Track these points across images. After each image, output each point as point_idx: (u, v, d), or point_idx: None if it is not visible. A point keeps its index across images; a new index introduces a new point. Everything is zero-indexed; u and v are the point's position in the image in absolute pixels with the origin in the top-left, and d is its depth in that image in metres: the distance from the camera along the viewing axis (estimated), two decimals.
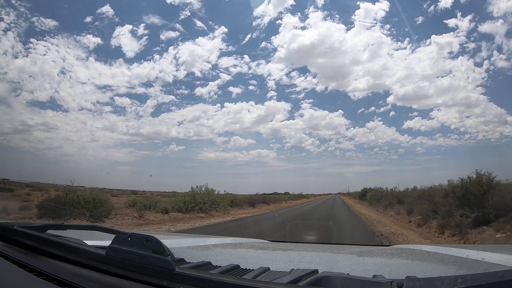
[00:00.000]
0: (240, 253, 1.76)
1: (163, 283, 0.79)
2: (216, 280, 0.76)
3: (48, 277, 0.88)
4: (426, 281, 0.71)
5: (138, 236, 0.86)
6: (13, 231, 1.08)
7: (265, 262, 1.14)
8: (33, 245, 1.04)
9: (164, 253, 0.81)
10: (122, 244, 0.86)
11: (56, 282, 0.86)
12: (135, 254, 0.83)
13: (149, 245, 0.83)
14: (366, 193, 35.43)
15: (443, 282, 0.66)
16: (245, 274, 0.93)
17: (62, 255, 0.96)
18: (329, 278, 0.79)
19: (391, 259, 1.70)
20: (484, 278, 0.64)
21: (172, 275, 0.79)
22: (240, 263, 1.02)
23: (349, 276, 0.81)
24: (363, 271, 1.26)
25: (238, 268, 0.98)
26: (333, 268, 1.21)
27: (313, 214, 19.22)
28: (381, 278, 0.86)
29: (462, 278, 0.65)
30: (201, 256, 1.23)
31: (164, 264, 0.79)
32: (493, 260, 1.25)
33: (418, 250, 1.88)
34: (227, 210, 18.15)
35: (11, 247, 1.07)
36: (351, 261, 1.62)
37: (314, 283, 0.78)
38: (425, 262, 1.51)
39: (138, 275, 0.82)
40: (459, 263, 1.37)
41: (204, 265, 0.98)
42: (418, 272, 1.26)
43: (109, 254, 0.87)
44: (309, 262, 1.55)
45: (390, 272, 1.19)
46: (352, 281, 0.77)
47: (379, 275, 0.92)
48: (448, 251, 1.66)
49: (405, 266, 1.48)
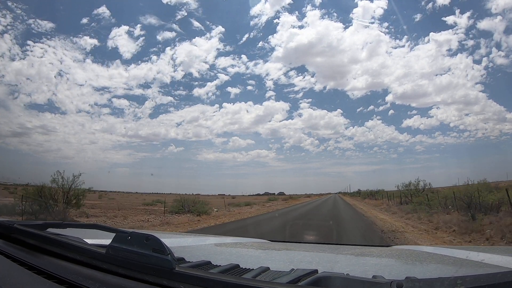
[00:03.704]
0: (240, 253, 1.76)
1: (163, 282, 0.79)
2: (216, 280, 0.77)
3: (48, 275, 0.89)
4: (425, 282, 0.71)
5: (138, 235, 0.86)
6: (13, 229, 1.08)
7: (265, 261, 1.14)
8: (33, 243, 1.04)
9: (164, 252, 0.81)
10: (122, 243, 0.86)
11: (56, 281, 0.86)
12: (135, 253, 0.83)
13: (149, 244, 0.83)
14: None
15: (443, 283, 0.66)
16: (245, 273, 0.93)
17: (62, 253, 0.97)
18: (329, 278, 0.79)
19: (391, 259, 1.70)
20: (484, 279, 0.64)
21: (172, 274, 0.79)
22: (240, 262, 1.02)
23: (349, 276, 0.81)
24: (363, 271, 1.26)
25: (238, 267, 0.98)
26: (333, 268, 1.21)
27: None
28: (381, 278, 0.86)
29: (462, 279, 0.65)
30: (201, 256, 1.23)
31: (164, 263, 0.80)
32: (493, 261, 1.25)
33: (418, 251, 1.88)
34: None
35: (11, 245, 1.07)
36: (351, 262, 1.62)
37: (314, 283, 0.78)
38: (425, 263, 1.51)
39: (138, 274, 0.82)
40: (459, 264, 1.37)
41: (204, 264, 0.98)
42: (417, 273, 1.26)
43: (109, 252, 0.87)
44: (309, 262, 1.55)
45: (390, 273, 1.19)
46: (352, 282, 0.77)
47: (378, 275, 0.92)
48: (448, 252, 1.66)
49: (405, 266, 1.48)
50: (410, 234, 10.15)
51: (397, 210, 19.67)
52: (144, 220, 14.17)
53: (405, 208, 18.99)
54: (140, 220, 14.19)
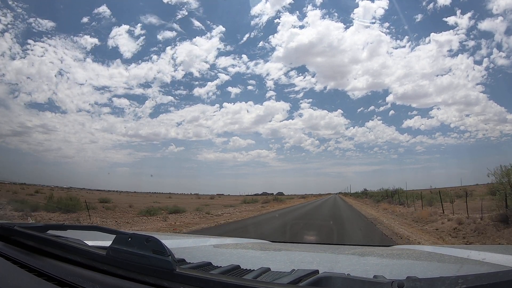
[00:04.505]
0: (241, 254, 1.76)
1: (164, 284, 0.79)
2: (216, 281, 0.76)
3: (49, 277, 0.88)
4: (427, 282, 0.70)
5: (138, 237, 0.86)
6: (14, 231, 1.08)
7: (266, 262, 1.14)
8: (33, 245, 1.04)
9: (165, 253, 0.81)
10: (122, 245, 0.86)
11: (57, 282, 0.86)
12: (136, 255, 0.83)
13: (149, 246, 0.83)
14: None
15: (444, 283, 0.66)
16: (246, 274, 0.93)
17: (63, 255, 0.96)
18: (329, 278, 0.79)
19: (392, 259, 1.70)
20: (485, 278, 0.64)
21: (173, 276, 0.79)
22: (240, 263, 1.02)
23: (350, 276, 0.81)
24: (364, 271, 1.26)
25: (239, 268, 0.98)
26: (333, 269, 1.21)
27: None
28: (382, 278, 0.86)
29: (463, 278, 0.65)
30: (202, 257, 1.23)
31: (165, 265, 0.79)
32: (494, 260, 1.25)
33: (418, 251, 1.88)
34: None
35: (11, 247, 1.07)
36: (351, 262, 1.62)
37: (314, 284, 0.78)
38: (426, 262, 1.50)
39: (138, 275, 0.82)
40: (460, 264, 1.37)
41: (205, 265, 0.98)
42: (419, 272, 1.26)
43: (110, 254, 0.87)
44: (309, 262, 1.55)
45: (391, 273, 1.18)
46: (353, 282, 0.77)
47: (379, 275, 0.92)
48: (449, 252, 1.66)
49: (406, 266, 1.48)
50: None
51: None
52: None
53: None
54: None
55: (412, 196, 23.64)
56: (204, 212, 19.49)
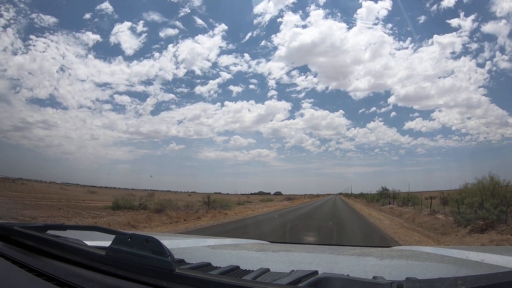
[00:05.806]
0: (240, 254, 1.76)
1: (163, 284, 0.79)
2: (216, 281, 0.76)
3: (48, 277, 0.88)
4: (426, 283, 0.71)
5: (138, 237, 0.86)
6: (13, 231, 1.08)
7: (265, 263, 1.14)
8: (33, 245, 1.04)
9: (164, 253, 0.81)
10: (122, 245, 0.86)
11: (56, 283, 0.86)
12: (135, 255, 0.83)
13: (149, 246, 0.83)
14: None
15: (443, 283, 0.66)
16: (245, 275, 0.93)
17: (62, 255, 0.97)
18: (329, 279, 0.79)
19: (391, 260, 1.70)
20: (484, 279, 0.64)
21: (172, 276, 0.79)
22: (240, 264, 1.02)
23: (349, 277, 0.81)
24: (363, 272, 1.26)
25: (238, 269, 0.98)
26: (333, 269, 1.21)
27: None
28: (381, 279, 0.86)
29: (462, 280, 0.65)
30: (201, 257, 1.23)
31: (164, 265, 0.79)
32: (493, 261, 1.25)
33: (418, 252, 1.88)
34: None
35: (11, 247, 1.07)
36: (351, 262, 1.62)
37: (314, 284, 0.78)
38: (425, 263, 1.50)
39: (138, 275, 0.82)
40: (459, 265, 1.37)
41: (204, 266, 0.98)
42: (418, 273, 1.26)
43: (109, 254, 0.87)
44: (309, 263, 1.55)
45: (390, 274, 1.18)
46: (352, 282, 0.77)
47: (379, 276, 0.92)
48: (448, 253, 1.66)
49: (405, 267, 1.48)
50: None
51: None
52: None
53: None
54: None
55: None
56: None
